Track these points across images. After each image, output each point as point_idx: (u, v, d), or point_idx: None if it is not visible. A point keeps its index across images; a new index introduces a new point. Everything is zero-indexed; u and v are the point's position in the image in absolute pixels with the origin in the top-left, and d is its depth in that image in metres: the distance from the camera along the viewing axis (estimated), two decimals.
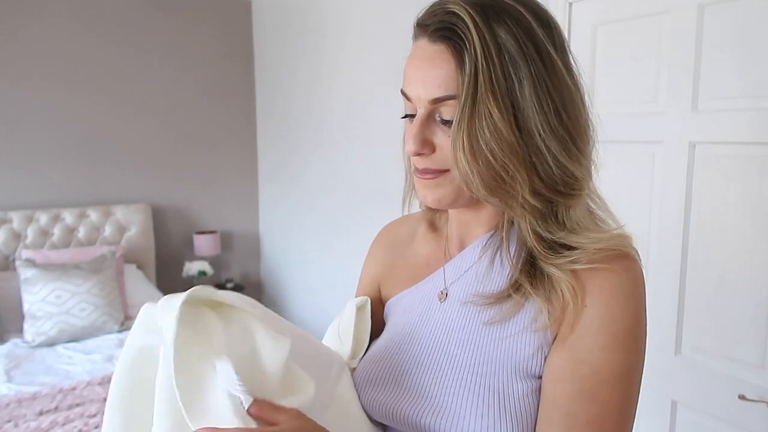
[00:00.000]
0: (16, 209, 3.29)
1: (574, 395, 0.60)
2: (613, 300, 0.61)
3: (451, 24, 0.60)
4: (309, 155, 3.48)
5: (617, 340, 0.61)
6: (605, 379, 0.60)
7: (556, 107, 0.61)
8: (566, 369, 0.61)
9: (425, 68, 0.62)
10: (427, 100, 0.63)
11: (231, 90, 3.97)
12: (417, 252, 0.82)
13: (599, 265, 0.62)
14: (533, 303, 0.65)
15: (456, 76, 0.60)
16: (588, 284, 0.62)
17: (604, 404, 0.60)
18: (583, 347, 0.61)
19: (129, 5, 3.56)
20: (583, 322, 0.61)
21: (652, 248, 1.65)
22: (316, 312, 3.57)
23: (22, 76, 3.30)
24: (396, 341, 0.76)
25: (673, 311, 1.60)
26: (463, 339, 0.69)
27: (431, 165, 0.65)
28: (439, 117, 0.64)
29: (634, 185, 1.69)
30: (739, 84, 1.42)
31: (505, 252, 0.69)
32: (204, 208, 3.96)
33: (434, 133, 0.64)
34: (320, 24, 3.23)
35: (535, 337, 0.64)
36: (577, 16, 1.80)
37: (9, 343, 2.65)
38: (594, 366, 0.60)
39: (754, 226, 1.42)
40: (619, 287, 0.62)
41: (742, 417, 1.45)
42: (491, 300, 0.67)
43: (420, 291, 0.78)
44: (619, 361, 0.61)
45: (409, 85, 0.64)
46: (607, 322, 0.61)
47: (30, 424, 1.85)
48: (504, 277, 0.68)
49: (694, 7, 1.48)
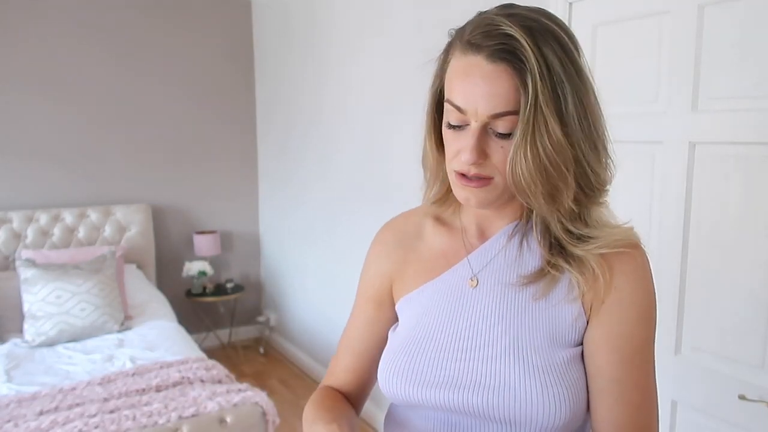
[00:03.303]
0: (16, 209, 3.29)
1: (617, 364, 0.72)
2: (636, 281, 0.73)
3: (511, 46, 0.65)
4: (309, 155, 3.48)
5: (643, 314, 0.73)
6: (638, 347, 0.72)
7: (589, 120, 0.70)
8: (605, 342, 0.72)
9: (486, 85, 0.67)
10: (486, 115, 0.68)
11: (231, 90, 3.97)
12: (430, 246, 0.86)
13: (620, 250, 0.72)
14: (567, 278, 0.74)
15: (516, 94, 0.66)
16: (614, 266, 0.72)
17: (642, 367, 0.73)
18: (616, 322, 0.72)
19: (129, 5, 3.56)
20: (613, 300, 0.72)
21: (652, 248, 1.65)
22: (316, 312, 3.57)
23: (23, 76, 3.30)
24: (426, 330, 0.80)
25: (673, 311, 1.60)
26: (501, 319, 0.76)
27: (482, 172, 0.71)
28: (492, 130, 0.69)
29: (634, 185, 1.69)
30: (739, 84, 1.42)
31: (533, 238, 0.77)
32: (204, 208, 3.96)
33: (488, 144, 0.70)
34: (320, 24, 3.23)
35: (571, 308, 0.74)
36: (577, 16, 1.80)
37: (9, 343, 2.65)
38: (627, 337, 0.72)
39: (754, 226, 1.42)
40: (640, 270, 0.73)
41: (742, 417, 1.45)
42: (530, 279, 0.75)
43: (446, 281, 0.82)
44: (646, 331, 0.73)
45: (465, 100, 0.69)
46: (634, 300, 0.72)
47: (30, 424, 1.85)
48: (536, 259, 0.77)
49: (694, 7, 1.48)
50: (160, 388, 2.16)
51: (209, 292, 3.77)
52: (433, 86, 0.79)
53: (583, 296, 0.74)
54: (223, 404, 1.97)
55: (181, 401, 2.00)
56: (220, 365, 2.39)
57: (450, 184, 0.78)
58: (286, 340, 3.96)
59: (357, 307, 0.93)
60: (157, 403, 1.98)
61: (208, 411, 1.93)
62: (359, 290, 0.93)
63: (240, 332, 4.14)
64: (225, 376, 2.31)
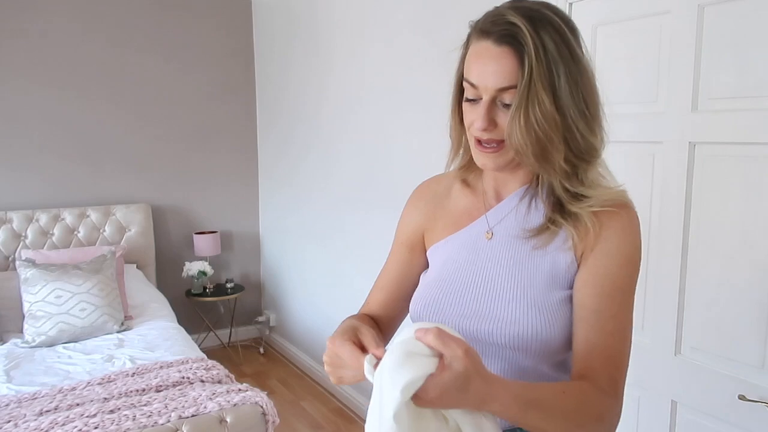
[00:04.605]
0: (16, 209, 3.29)
1: (597, 297, 0.86)
2: (621, 234, 0.86)
3: (513, 32, 0.80)
4: (309, 155, 3.48)
5: (625, 260, 0.86)
6: (619, 287, 0.86)
7: (582, 95, 0.83)
8: (591, 281, 0.86)
9: (493, 64, 0.82)
10: (494, 89, 0.83)
11: (231, 90, 3.97)
12: (456, 204, 1.02)
13: (610, 209, 0.86)
14: (564, 231, 0.88)
15: (516, 71, 0.80)
16: (603, 222, 0.86)
17: (620, 302, 0.86)
18: (602, 266, 0.86)
19: (129, 6, 3.56)
20: (601, 248, 0.86)
21: (652, 248, 1.65)
22: (316, 312, 3.57)
23: (23, 76, 3.30)
24: (450, 272, 0.96)
25: (673, 311, 1.60)
26: (510, 265, 0.91)
27: (494, 137, 0.86)
28: (500, 102, 0.84)
29: (634, 185, 1.68)
30: (739, 84, 1.42)
31: (539, 199, 0.92)
32: (204, 208, 3.96)
33: (497, 114, 0.84)
34: (320, 24, 3.23)
35: (565, 257, 0.88)
36: (577, 16, 1.80)
37: (9, 343, 2.65)
38: (611, 278, 0.86)
39: (754, 226, 1.42)
40: (627, 225, 0.87)
41: (742, 417, 1.45)
42: (534, 232, 0.90)
43: (467, 233, 0.98)
44: (628, 275, 0.87)
45: (478, 77, 0.84)
46: (618, 249, 0.86)
47: (30, 424, 1.85)
48: (540, 217, 0.91)
49: (694, 7, 1.48)
50: (160, 388, 2.16)
51: (209, 292, 3.77)
52: (457, 71, 0.92)
53: (575, 247, 0.88)
54: (223, 404, 1.97)
55: (181, 401, 1.99)
56: (220, 365, 2.39)
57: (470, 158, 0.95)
58: (286, 340, 3.96)
59: (392, 251, 1.09)
60: (157, 403, 1.98)
61: (208, 411, 1.93)
62: (396, 236, 1.09)
63: (240, 332, 4.13)
64: (225, 376, 2.31)
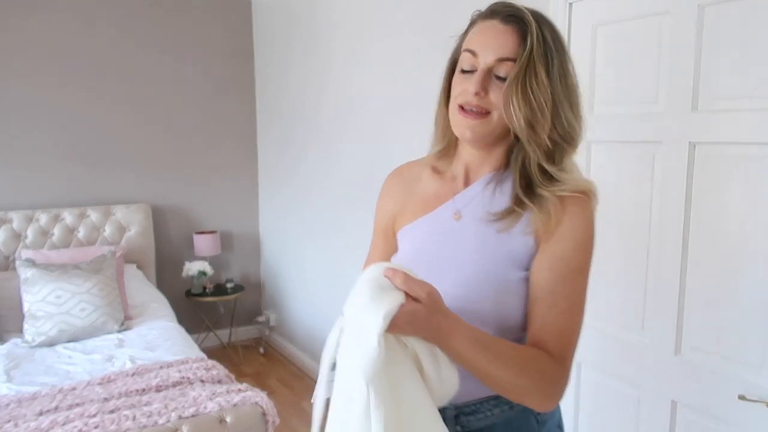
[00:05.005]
0: (16, 209, 3.29)
1: (554, 280, 0.91)
2: (579, 220, 0.92)
3: (519, 15, 0.90)
4: (309, 155, 3.48)
5: (580, 245, 0.92)
6: (574, 269, 0.92)
7: (568, 84, 0.92)
8: (547, 264, 0.92)
9: (497, 37, 0.90)
10: (494, 58, 0.90)
11: (231, 90, 3.97)
12: (426, 189, 1.07)
13: (576, 195, 0.93)
14: (528, 216, 0.94)
15: (517, 48, 0.89)
16: (566, 208, 0.92)
17: (573, 283, 0.92)
18: (558, 249, 0.92)
19: (129, 6, 3.56)
20: (559, 232, 0.92)
21: (652, 248, 1.65)
22: (316, 312, 3.57)
23: (23, 76, 3.30)
24: (418, 252, 1.02)
25: (673, 311, 1.60)
26: (476, 245, 0.96)
27: (481, 104, 0.91)
28: (495, 74, 0.91)
29: (634, 185, 1.69)
30: (739, 84, 1.42)
31: (505, 186, 0.98)
32: (204, 208, 3.96)
33: (489, 85, 0.91)
34: (320, 23, 3.23)
35: (527, 239, 0.94)
36: (577, 16, 1.80)
37: (9, 343, 2.65)
38: (566, 261, 0.92)
39: (754, 226, 1.42)
40: (587, 212, 0.94)
41: (742, 417, 1.45)
42: (498, 216, 0.95)
43: (436, 216, 1.02)
44: (583, 258, 0.93)
45: (480, 45, 0.92)
46: (574, 234, 0.92)
47: (30, 424, 1.85)
48: (504, 202, 0.96)
49: (694, 7, 1.48)
50: (160, 388, 2.16)
51: (209, 292, 3.77)
52: (452, 56, 0.99)
53: (536, 232, 0.93)
54: (223, 404, 1.97)
55: (181, 401, 1.99)
56: (220, 365, 2.39)
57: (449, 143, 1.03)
58: (286, 340, 3.96)
59: (372, 240, 1.15)
60: (157, 403, 1.98)
61: (208, 411, 1.93)
62: (374, 226, 1.15)
63: (240, 332, 4.14)
64: (225, 376, 2.31)
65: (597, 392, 1.87)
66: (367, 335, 0.77)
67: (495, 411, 0.96)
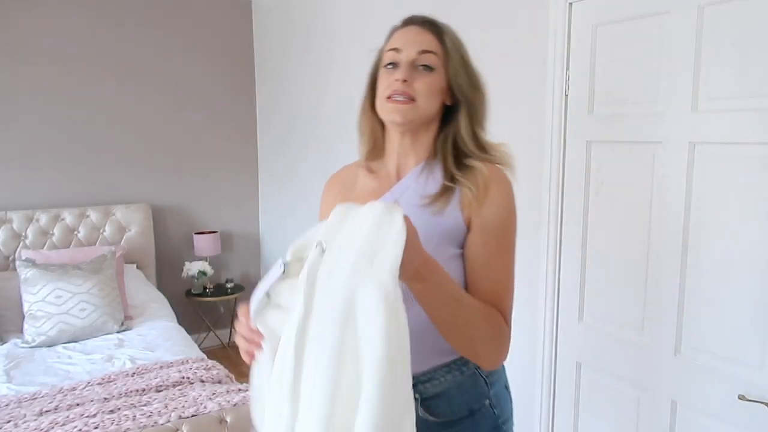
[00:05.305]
0: (16, 209, 3.29)
1: (487, 254, 1.02)
2: (501, 198, 1.03)
3: (432, 21, 1.09)
4: (309, 155, 3.48)
5: (506, 221, 1.04)
6: (503, 242, 1.03)
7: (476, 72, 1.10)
8: (480, 241, 1.02)
9: (418, 36, 1.06)
10: (416, 51, 1.05)
11: (231, 90, 3.97)
12: (363, 187, 1.17)
13: (498, 167, 1.05)
14: (457, 195, 1.03)
15: (436, 43, 1.06)
16: (489, 187, 1.02)
17: (505, 257, 1.04)
18: (488, 226, 1.02)
19: (128, 7, 3.56)
20: (486, 212, 1.02)
21: (651, 248, 1.65)
22: None
23: (23, 76, 3.30)
24: None
25: (672, 311, 1.60)
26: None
27: (408, 90, 1.03)
28: (419, 64, 1.05)
29: (634, 185, 1.69)
30: (739, 84, 1.42)
31: (436, 171, 1.08)
32: (204, 208, 3.96)
33: (413, 75, 1.04)
34: (320, 23, 3.23)
35: (457, 218, 1.03)
36: (577, 16, 1.80)
37: (9, 343, 2.65)
38: (496, 236, 1.02)
39: (753, 226, 1.42)
40: (506, 189, 1.04)
41: (742, 417, 1.45)
42: (432, 199, 1.04)
43: None
44: (510, 232, 1.04)
45: (402, 42, 1.06)
46: (500, 212, 1.03)
47: (30, 424, 1.85)
48: (437, 186, 1.06)
49: (694, 7, 1.48)
50: (159, 388, 2.16)
51: (209, 292, 3.77)
52: (374, 65, 1.12)
53: (466, 209, 1.02)
54: (223, 404, 1.97)
55: (181, 401, 1.99)
56: (220, 365, 2.39)
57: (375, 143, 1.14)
58: None
59: None
60: (157, 403, 1.98)
61: (208, 411, 1.93)
62: None
63: None
64: (225, 376, 2.31)
65: (597, 392, 1.87)
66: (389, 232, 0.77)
67: (448, 377, 1.07)
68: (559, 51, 1.84)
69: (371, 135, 1.15)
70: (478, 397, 1.09)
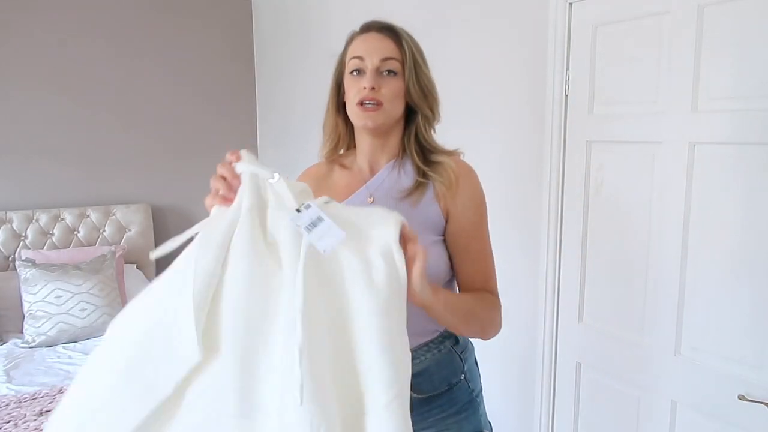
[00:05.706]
0: (16, 209, 3.29)
1: (467, 241, 1.14)
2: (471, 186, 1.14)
3: (390, 26, 1.16)
4: (309, 155, 3.47)
5: (479, 209, 1.15)
6: (479, 228, 1.15)
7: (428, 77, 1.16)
8: (459, 231, 1.13)
9: (378, 43, 1.13)
10: (379, 58, 1.11)
11: (231, 90, 3.96)
12: (337, 182, 1.23)
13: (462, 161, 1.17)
14: (431, 187, 1.13)
15: (396, 49, 1.12)
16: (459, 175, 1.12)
17: (483, 240, 1.16)
18: (463, 216, 1.13)
19: (129, 6, 3.56)
20: (460, 202, 1.12)
21: (651, 248, 1.65)
22: None
23: (23, 76, 3.30)
24: None
25: (672, 311, 1.60)
26: None
27: (376, 96, 1.10)
28: (383, 70, 1.11)
29: (634, 185, 1.69)
30: (739, 84, 1.42)
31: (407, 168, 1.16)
32: (204, 208, 3.93)
33: (378, 81, 1.11)
34: (320, 23, 3.23)
35: (436, 207, 1.13)
36: (577, 16, 1.80)
37: (9, 343, 2.65)
38: (472, 223, 1.14)
39: (754, 227, 1.42)
40: (474, 177, 1.15)
41: (742, 417, 1.45)
42: (406, 192, 1.13)
43: (353, 201, 1.17)
44: (483, 214, 1.16)
45: (364, 50, 1.12)
46: (473, 199, 1.14)
47: (30, 424, 1.85)
48: (410, 180, 1.15)
49: (694, 7, 1.48)
50: None
51: None
52: (336, 70, 1.19)
53: (441, 199, 1.12)
54: None
55: None
56: None
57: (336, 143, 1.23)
58: None
59: None
60: None
61: None
62: None
63: None
64: None
65: (597, 392, 1.87)
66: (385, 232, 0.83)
67: (428, 355, 1.16)
68: (559, 51, 1.84)
69: (333, 134, 1.24)
70: (455, 372, 1.19)
